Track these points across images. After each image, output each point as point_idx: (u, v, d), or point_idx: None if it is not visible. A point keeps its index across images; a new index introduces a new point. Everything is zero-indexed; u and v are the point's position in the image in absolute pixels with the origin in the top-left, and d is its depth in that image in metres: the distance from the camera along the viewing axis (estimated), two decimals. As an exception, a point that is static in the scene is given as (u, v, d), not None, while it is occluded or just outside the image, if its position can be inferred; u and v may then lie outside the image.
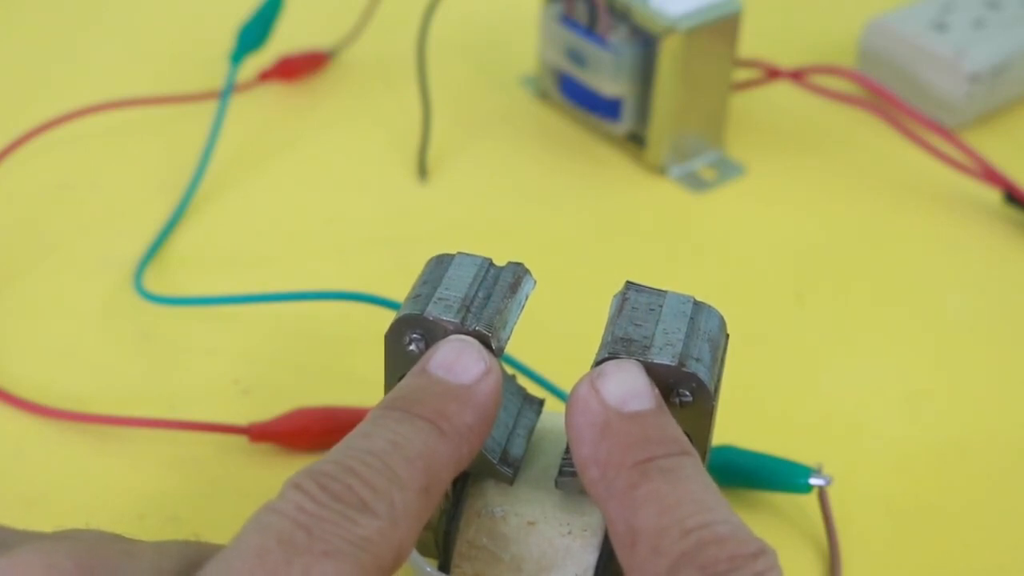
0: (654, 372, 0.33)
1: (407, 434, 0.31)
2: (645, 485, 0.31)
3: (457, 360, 0.33)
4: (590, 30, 0.57)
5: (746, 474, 0.44)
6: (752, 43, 0.60)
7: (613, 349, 0.33)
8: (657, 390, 0.33)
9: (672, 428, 0.32)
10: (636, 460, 0.31)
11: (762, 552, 0.30)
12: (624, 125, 0.58)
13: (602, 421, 0.32)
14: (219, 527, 0.42)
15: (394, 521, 0.29)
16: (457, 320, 0.34)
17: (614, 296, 0.35)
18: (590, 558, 0.36)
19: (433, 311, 0.34)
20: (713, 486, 0.31)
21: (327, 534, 0.28)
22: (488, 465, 0.36)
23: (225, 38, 0.61)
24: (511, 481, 0.36)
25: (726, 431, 0.41)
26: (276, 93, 0.62)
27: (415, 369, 0.33)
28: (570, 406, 0.32)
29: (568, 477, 0.36)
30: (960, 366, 0.50)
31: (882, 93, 0.59)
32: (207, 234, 0.54)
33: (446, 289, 0.35)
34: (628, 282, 0.35)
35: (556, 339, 0.47)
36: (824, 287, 0.53)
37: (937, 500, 0.45)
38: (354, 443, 0.31)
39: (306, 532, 0.28)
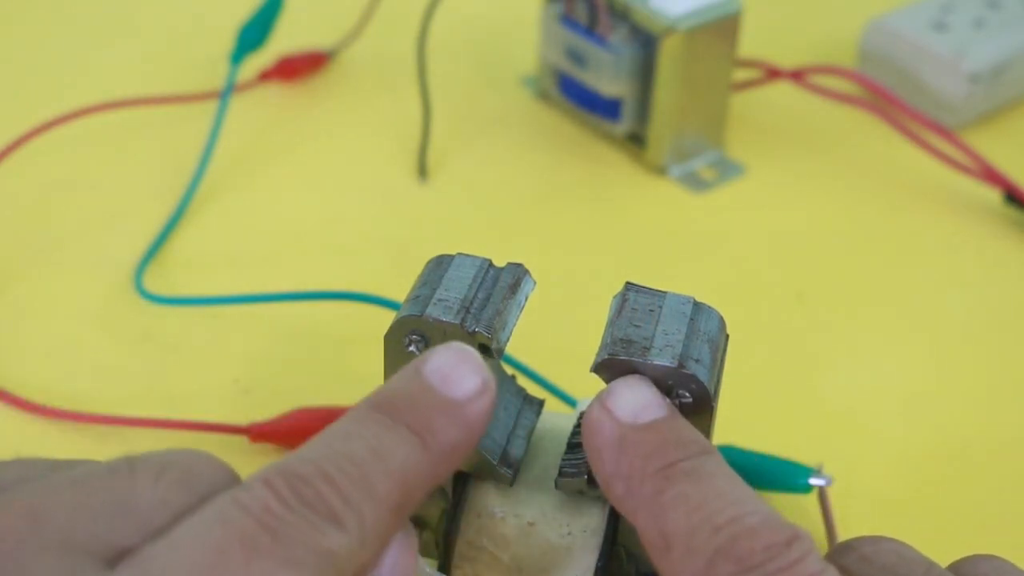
0: (653, 373, 0.33)
1: (390, 444, 0.29)
2: (670, 489, 0.30)
3: (454, 370, 0.31)
4: (590, 30, 0.56)
5: (746, 474, 0.43)
6: (752, 43, 0.60)
7: (613, 350, 0.33)
8: (667, 399, 0.33)
9: (688, 431, 0.32)
10: (658, 467, 0.31)
11: (796, 538, 0.29)
12: (624, 125, 0.58)
13: (618, 436, 0.32)
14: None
15: (363, 540, 0.28)
16: (456, 321, 0.34)
17: (614, 297, 0.35)
18: (590, 559, 0.36)
19: (432, 312, 0.34)
20: (738, 479, 0.31)
21: (292, 541, 0.27)
22: (488, 466, 0.36)
23: (225, 38, 0.61)
24: (511, 482, 0.36)
25: (726, 431, 0.41)
26: (276, 93, 0.62)
27: (408, 369, 0.31)
28: (585, 429, 0.32)
29: (568, 478, 0.36)
30: (960, 366, 0.50)
31: (882, 93, 0.59)
32: (207, 234, 0.54)
33: (445, 290, 0.35)
34: (628, 283, 0.35)
35: (556, 339, 0.47)
36: (824, 287, 0.53)
37: (937, 500, 0.45)
38: (333, 444, 0.29)
39: (271, 535, 0.27)
